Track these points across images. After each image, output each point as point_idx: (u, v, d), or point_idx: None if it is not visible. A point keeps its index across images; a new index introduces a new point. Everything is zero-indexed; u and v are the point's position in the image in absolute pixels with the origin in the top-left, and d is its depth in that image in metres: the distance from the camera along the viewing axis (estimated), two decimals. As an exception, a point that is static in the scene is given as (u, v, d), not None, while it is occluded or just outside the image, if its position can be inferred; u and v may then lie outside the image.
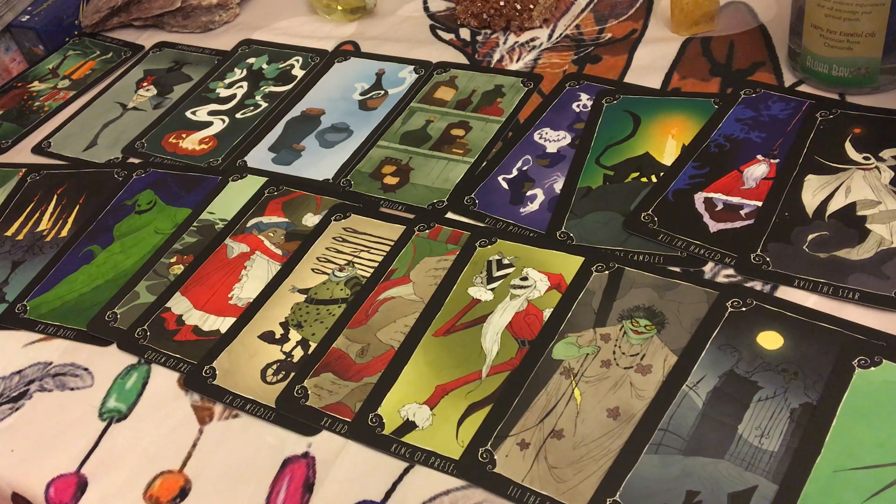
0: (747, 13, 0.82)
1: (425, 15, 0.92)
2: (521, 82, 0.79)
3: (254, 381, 0.58)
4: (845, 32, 0.66)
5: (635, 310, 0.57)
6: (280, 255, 0.67)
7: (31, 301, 0.68)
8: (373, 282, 0.63)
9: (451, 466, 0.51)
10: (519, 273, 0.61)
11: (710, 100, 0.72)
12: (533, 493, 0.49)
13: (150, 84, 0.91)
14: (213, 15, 0.97)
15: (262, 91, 0.86)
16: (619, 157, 0.69)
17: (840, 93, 0.70)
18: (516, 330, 0.57)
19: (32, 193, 0.79)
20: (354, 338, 0.59)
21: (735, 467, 0.47)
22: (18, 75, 0.98)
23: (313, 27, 0.94)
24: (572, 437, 0.51)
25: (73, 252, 0.72)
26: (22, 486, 0.56)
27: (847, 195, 0.61)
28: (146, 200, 0.75)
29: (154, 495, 0.53)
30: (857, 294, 0.55)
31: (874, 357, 0.51)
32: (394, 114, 0.79)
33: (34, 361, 0.64)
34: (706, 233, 0.61)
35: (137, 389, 0.60)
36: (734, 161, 0.66)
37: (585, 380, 0.53)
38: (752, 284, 0.57)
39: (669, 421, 0.50)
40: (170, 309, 0.64)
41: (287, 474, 0.53)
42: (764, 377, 0.51)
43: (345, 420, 0.54)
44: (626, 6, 0.86)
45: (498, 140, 0.74)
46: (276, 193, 0.73)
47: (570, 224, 0.64)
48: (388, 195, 0.70)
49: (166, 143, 0.82)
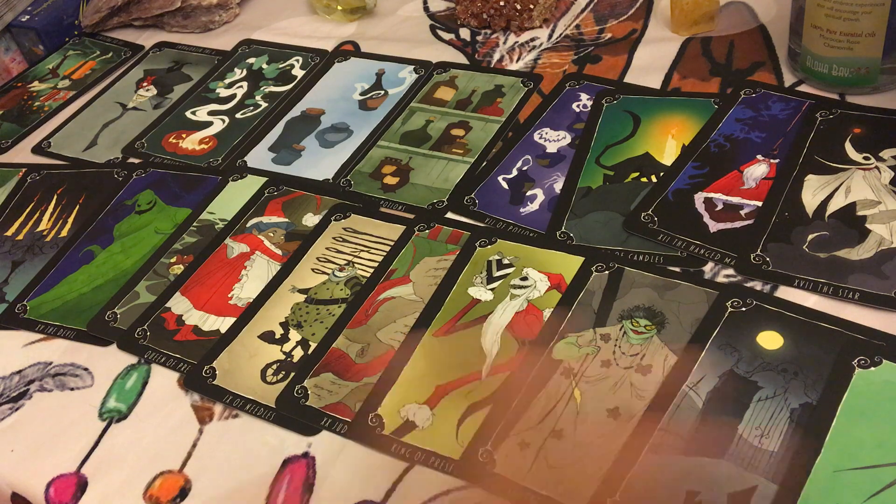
0: (747, 13, 0.82)
1: (425, 15, 0.92)
2: (521, 82, 0.79)
3: (254, 381, 0.58)
4: (845, 32, 0.66)
5: (635, 310, 0.57)
6: (280, 255, 0.67)
7: (31, 301, 0.68)
8: (373, 282, 0.63)
9: (451, 466, 0.51)
10: (519, 273, 0.61)
11: (710, 100, 0.72)
12: (533, 493, 0.49)
13: (150, 84, 0.91)
14: (213, 15, 0.97)
15: (262, 91, 0.86)
16: (619, 157, 0.69)
17: (840, 93, 0.70)
18: (516, 330, 0.57)
19: (32, 193, 0.79)
20: (354, 338, 0.59)
21: (735, 467, 0.47)
22: (18, 75, 0.98)
23: (313, 27, 0.94)
24: (572, 438, 0.51)
25: (73, 252, 0.72)
26: (22, 485, 0.56)
27: (847, 195, 0.61)
28: (146, 200, 0.75)
29: (154, 495, 0.53)
30: (856, 294, 0.55)
31: (874, 357, 0.51)
32: (394, 114, 0.79)
33: (34, 361, 0.64)
34: (706, 233, 0.61)
35: (137, 389, 0.60)
36: (734, 161, 0.66)
37: (585, 380, 0.53)
38: (752, 284, 0.57)
39: (669, 421, 0.50)
40: (170, 309, 0.64)
41: (287, 474, 0.53)
42: (764, 377, 0.51)
43: (345, 420, 0.54)
44: (626, 6, 0.86)
45: (498, 140, 0.74)
46: (276, 193, 0.73)
47: (570, 224, 0.64)
48: (388, 195, 0.70)
49: (166, 143, 0.82)
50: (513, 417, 0.52)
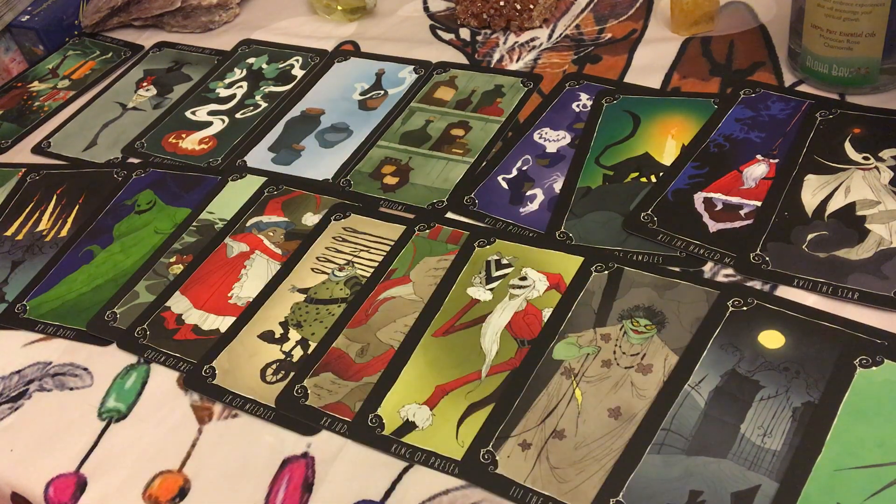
0: (747, 13, 0.82)
1: (425, 15, 0.92)
2: (521, 82, 0.79)
3: (253, 380, 0.58)
4: (845, 32, 0.66)
5: (635, 309, 0.57)
6: (280, 255, 0.67)
7: (30, 301, 0.68)
8: (373, 281, 0.63)
9: (454, 467, 0.51)
10: (518, 273, 0.61)
11: (709, 100, 0.72)
12: (535, 493, 0.48)
13: (150, 84, 0.91)
14: (213, 15, 0.97)
15: (261, 91, 0.86)
16: (618, 157, 0.69)
17: (840, 93, 0.70)
18: (515, 330, 0.57)
19: (32, 193, 0.79)
20: (354, 337, 0.59)
21: (738, 466, 0.47)
22: (18, 75, 0.98)
23: (313, 27, 0.94)
24: (574, 438, 0.51)
25: (73, 252, 0.72)
26: (21, 485, 0.56)
27: (847, 195, 0.61)
28: (146, 200, 0.75)
29: (153, 495, 0.53)
30: (856, 294, 0.55)
31: (876, 356, 0.51)
32: (394, 114, 0.79)
33: (34, 361, 0.63)
34: (706, 232, 0.61)
35: (137, 389, 0.60)
36: (734, 161, 0.66)
37: (586, 380, 0.53)
38: (752, 284, 0.57)
39: (671, 421, 0.50)
40: (169, 308, 0.64)
41: (286, 474, 0.53)
42: (766, 376, 0.51)
43: (344, 420, 0.54)
44: (626, 6, 0.86)
45: (498, 140, 0.74)
46: (275, 193, 0.73)
47: (570, 224, 0.64)
48: (387, 195, 0.70)
49: (166, 143, 0.82)
50: (514, 418, 0.52)
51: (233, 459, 0.54)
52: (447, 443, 0.52)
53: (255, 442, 0.55)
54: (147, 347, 0.62)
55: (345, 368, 0.57)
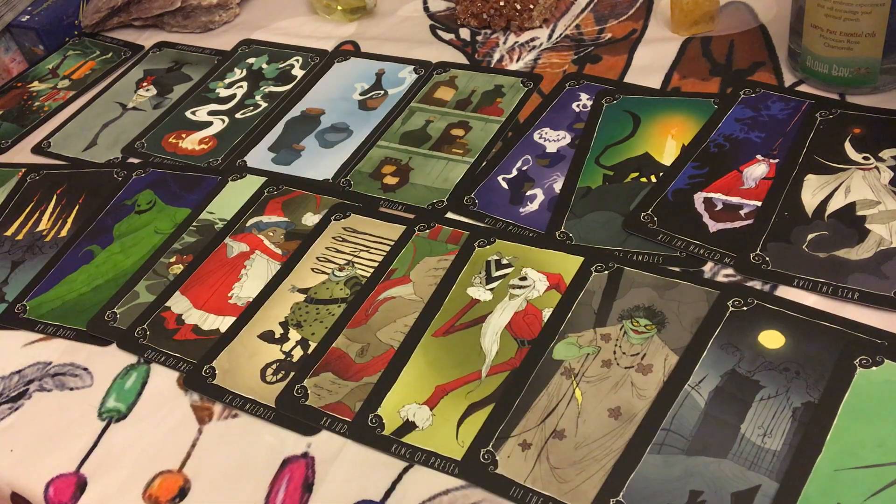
0: (747, 13, 0.82)
1: (425, 15, 0.92)
2: (521, 82, 0.79)
3: (253, 380, 0.58)
4: (845, 32, 0.66)
5: (635, 309, 0.57)
6: (280, 255, 0.67)
7: (30, 301, 0.68)
8: (373, 281, 0.63)
9: (454, 467, 0.51)
10: (518, 273, 0.61)
11: (709, 100, 0.72)
12: (535, 493, 0.48)
13: (150, 84, 0.91)
14: (213, 15, 0.97)
15: (261, 91, 0.86)
16: (618, 157, 0.69)
17: (840, 93, 0.70)
18: (515, 330, 0.57)
19: (32, 193, 0.79)
20: (354, 337, 0.59)
21: (738, 467, 0.47)
22: (18, 75, 0.98)
23: (313, 27, 0.94)
24: (574, 438, 0.51)
25: (73, 252, 0.72)
26: (21, 485, 0.56)
27: (847, 195, 0.61)
28: (146, 200, 0.75)
29: (153, 495, 0.53)
30: (856, 294, 0.55)
31: (876, 356, 0.50)
32: (394, 114, 0.79)
33: (34, 361, 0.63)
34: (706, 233, 0.61)
35: (137, 389, 0.60)
36: (734, 161, 0.66)
37: (586, 380, 0.53)
38: (752, 284, 0.57)
39: (672, 421, 0.50)
40: (169, 308, 0.64)
41: (286, 474, 0.53)
42: (766, 376, 0.51)
43: (345, 420, 0.54)
44: (626, 6, 0.86)
45: (498, 140, 0.74)
46: (275, 193, 0.73)
47: (570, 224, 0.64)
48: (387, 195, 0.70)
49: (166, 143, 0.82)
50: (514, 418, 0.52)
51: (233, 459, 0.54)
52: (447, 443, 0.52)
53: (255, 442, 0.55)
54: (147, 347, 0.62)
55: (345, 368, 0.57)
